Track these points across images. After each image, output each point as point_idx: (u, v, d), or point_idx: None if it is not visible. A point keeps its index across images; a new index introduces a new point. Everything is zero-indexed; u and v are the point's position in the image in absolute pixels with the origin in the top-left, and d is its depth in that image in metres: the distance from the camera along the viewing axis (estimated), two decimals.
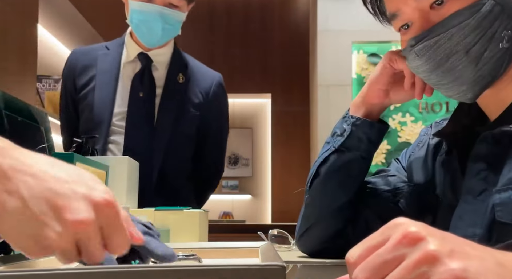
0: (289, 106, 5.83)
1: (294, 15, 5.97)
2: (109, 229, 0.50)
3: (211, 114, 1.89)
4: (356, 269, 0.44)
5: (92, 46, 1.96)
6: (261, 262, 0.57)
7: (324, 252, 1.08)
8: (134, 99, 1.77)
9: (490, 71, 0.82)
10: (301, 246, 1.13)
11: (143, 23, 1.73)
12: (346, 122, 1.06)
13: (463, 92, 0.85)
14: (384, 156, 3.84)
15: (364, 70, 3.91)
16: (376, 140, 1.07)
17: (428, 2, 0.85)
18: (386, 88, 1.04)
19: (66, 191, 0.48)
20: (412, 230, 0.44)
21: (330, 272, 1.01)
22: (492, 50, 0.81)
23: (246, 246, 0.86)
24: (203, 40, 5.84)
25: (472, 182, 0.83)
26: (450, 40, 0.82)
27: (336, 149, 1.06)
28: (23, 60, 2.88)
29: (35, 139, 1.23)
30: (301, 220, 1.11)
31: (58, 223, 0.47)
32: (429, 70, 0.86)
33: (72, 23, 3.73)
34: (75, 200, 0.48)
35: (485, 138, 0.82)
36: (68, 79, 1.88)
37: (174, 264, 0.57)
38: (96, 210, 0.48)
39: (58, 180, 0.49)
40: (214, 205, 5.65)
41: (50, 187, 0.48)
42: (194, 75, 1.88)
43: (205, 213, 1.33)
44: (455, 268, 0.41)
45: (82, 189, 0.49)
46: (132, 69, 1.82)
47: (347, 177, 1.06)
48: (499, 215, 0.76)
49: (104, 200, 0.49)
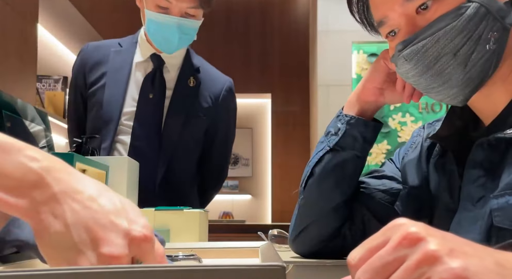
0: (289, 106, 5.83)
1: (294, 15, 5.97)
2: (143, 261, 0.51)
3: (219, 119, 1.88)
4: (358, 271, 0.45)
5: (105, 42, 1.94)
6: (261, 262, 0.57)
7: (320, 252, 1.08)
8: (144, 100, 1.75)
9: (478, 73, 0.82)
10: (296, 247, 1.12)
11: (160, 33, 1.71)
12: (341, 121, 1.06)
13: (453, 96, 0.85)
14: (384, 156, 3.84)
15: (364, 70, 3.91)
16: (371, 138, 1.07)
17: (414, 6, 0.85)
18: (381, 87, 1.04)
19: (108, 223, 0.50)
20: (412, 230, 0.44)
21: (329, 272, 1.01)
22: (480, 52, 0.81)
23: (246, 246, 0.86)
24: (203, 39, 5.83)
25: (470, 188, 0.83)
26: (437, 43, 0.82)
27: (331, 148, 1.05)
28: (23, 60, 2.88)
29: (35, 139, 1.23)
30: (296, 221, 1.10)
31: (94, 253, 0.48)
32: (418, 75, 0.86)
33: (72, 23, 3.73)
34: (115, 233, 0.49)
35: (481, 144, 0.82)
36: (79, 74, 1.85)
37: (174, 264, 0.57)
38: (133, 245, 0.50)
39: (103, 210, 0.51)
40: (214, 205, 5.63)
41: (94, 216, 0.50)
42: (204, 79, 1.86)
43: (205, 213, 1.33)
44: (455, 267, 0.41)
45: (123, 223, 0.50)
46: (144, 69, 1.80)
47: (343, 176, 1.05)
48: (497, 220, 0.76)
49: (143, 235, 0.50)
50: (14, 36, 2.77)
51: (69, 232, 0.48)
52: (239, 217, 5.72)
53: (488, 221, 0.78)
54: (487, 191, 0.80)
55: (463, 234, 0.80)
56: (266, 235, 1.39)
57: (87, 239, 0.49)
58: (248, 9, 5.99)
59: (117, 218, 0.50)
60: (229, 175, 2.11)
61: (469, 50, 0.81)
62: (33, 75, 3.02)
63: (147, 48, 1.80)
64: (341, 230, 1.07)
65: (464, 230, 0.81)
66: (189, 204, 1.59)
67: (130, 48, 1.84)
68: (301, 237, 1.09)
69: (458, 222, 0.83)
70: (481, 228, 0.78)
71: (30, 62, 2.97)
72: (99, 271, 0.41)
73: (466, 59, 0.81)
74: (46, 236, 0.49)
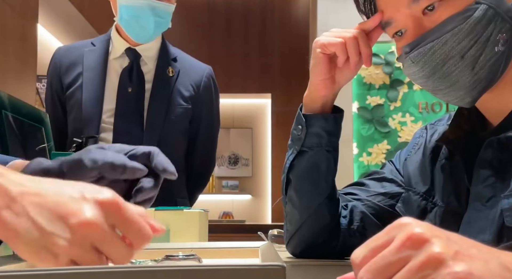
0: (289, 106, 5.82)
1: (294, 15, 5.97)
2: (124, 226, 0.51)
3: (202, 107, 1.85)
4: (361, 271, 0.45)
5: (78, 43, 1.92)
6: (261, 262, 0.57)
7: (319, 252, 1.08)
8: (123, 95, 1.74)
9: (486, 74, 0.82)
10: (292, 248, 1.12)
11: (134, 19, 1.69)
12: (300, 123, 1.04)
13: (461, 97, 0.85)
14: (384, 156, 3.84)
15: (363, 70, 3.91)
16: (335, 130, 1.05)
17: (420, 8, 0.84)
18: (329, 75, 1.01)
19: (69, 200, 0.50)
20: (417, 231, 0.44)
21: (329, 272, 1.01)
22: (488, 54, 0.80)
23: (246, 246, 0.86)
24: (202, 40, 5.84)
25: (480, 188, 0.82)
26: (445, 45, 0.81)
27: (298, 152, 1.05)
28: (23, 60, 2.88)
29: (35, 139, 1.23)
30: (286, 227, 1.11)
31: (67, 231, 0.48)
32: (425, 77, 0.85)
33: (72, 23, 3.73)
34: (77, 204, 0.49)
35: (490, 143, 0.82)
36: (54, 78, 1.83)
37: (174, 264, 0.57)
38: (102, 209, 0.50)
39: (62, 192, 0.51)
40: (214, 205, 5.65)
41: (53, 200, 0.50)
42: (184, 68, 1.84)
43: (205, 213, 1.33)
44: (460, 271, 0.41)
45: (86, 194, 0.50)
46: (119, 65, 1.78)
47: (318, 175, 1.04)
48: (508, 220, 0.76)
49: (107, 198, 0.50)
50: (14, 36, 2.77)
51: (37, 223, 0.49)
52: (239, 217, 5.72)
53: (500, 221, 0.77)
54: (497, 191, 0.79)
55: (474, 235, 0.79)
56: (266, 235, 1.39)
57: (55, 220, 0.49)
58: (248, 9, 5.99)
59: (78, 193, 0.51)
60: (229, 175, 2.10)
61: (476, 52, 0.80)
62: (33, 75, 3.02)
63: (121, 43, 1.78)
64: (339, 230, 1.07)
65: (475, 230, 0.80)
66: (177, 195, 1.56)
67: (104, 45, 1.82)
68: (294, 240, 1.09)
69: (468, 222, 0.83)
70: (492, 228, 0.78)
71: (30, 62, 2.97)
72: (99, 271, 0.41)
73: (474, 62, 0.81)
74: (17, 237, 0.49)
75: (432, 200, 0.95)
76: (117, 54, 1.79)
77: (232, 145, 5.88)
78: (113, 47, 1.81)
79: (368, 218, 1.06)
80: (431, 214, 0.94)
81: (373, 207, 1.06)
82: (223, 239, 2.52)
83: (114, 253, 0.50)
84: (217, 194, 5.88)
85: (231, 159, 5.94)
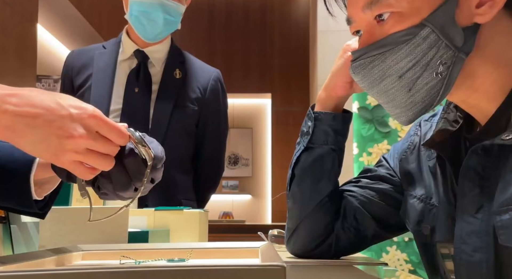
0: (289, 106, 5.83)
1: (294, 15, 5.97)
2: (106, 129, 0.67)
3: (209, 109, 1.86)
4: None
5: (90, 47, 1.96)
6: (261, 262, 0.57)
7: (315, 251, 1.08)
8: (129, 95, 1.75)
9: (423, 98, 0.80)
10: (291, 248, 1.13)
11: (144, 15, 1.72)
12: (310, 119, 1.08)
13: (397, 115, 0.85)
14: None
15: None
16: (343, 130, 1.09)
17: (372, 15, 0.82)
18: (351, 79, 1.04)
19: (63, 96, 0.65)
20: None
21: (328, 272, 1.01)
22: (426, 78, 0.79)
23: (246, 246, 0.86)
24: (202, 39, 5.84)
25: (466, 201, 0.80)
26: (384, 62, 0.81)
27: (305, 147, 1.08)
28: (23, 60, 2.88)
29: None
30: (287, 224, 1.12)
31: (75, 121, 0.64)
32: (366, 88, 0.86)
33: (72, 23, 3.73)
34: (77, 102, 0.66)
35: (475, 150, 0.79)
36: (66, 80, 1.88)
37: (174, 264, 0.57)
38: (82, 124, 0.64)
39: (53, 94, 0.63)
40: (214, 205, 5.65)
41: (52, 95, 0.63)
42: (191, 70, 1.85)
43: (205, 213, 1.33)
44: None
45: (69, 103, 0.65)
46: (128, 66, 1.81)
47: (321, 172, 1.07)
48: (502, 238, 0.73)
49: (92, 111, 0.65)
50: (14, 36, 2.78)
51: (44, 107, 0.61)
52: (239, 217, 5.72)
53: (494, 240, 0.75)
54: (485, 200, 0.77)
55: (470, 253, 0.77)
56: (266, 235, 1.39)
57: (62, 108, 0.62)
58: (248, 9, 6.00)
59: (65, 102, 0.64)
60: (229, 175, 2.10)
61: (414, 75, 0.79)
62: (32, 75, 3.03)
63: (130, 45, 1.81)
64: (333, 228, 1.07)
65: (470, 248, 0.78)
66: (183, 195, 1.56)
67: (114, 48, 1.85)
68: (294, 237, 1.10)
69: (460, 237, 0.80)
70: (489, 246, 0.76)
71: (30, 62, 2.98)
72: (99, 271, 0.42)
73: (411, 83, 0.80)
74: (24, 130, 0.59)
75: (430, 201, 0.94)
76: (126, 56, 1.82)
77: (232, 145, 5.88)
78: (123, 49, 1.83)
79: (361, 214, 1.07)
80: (430, 215, 0.93)
81: (366, 203, 1.07)
82: (223, 239, 2.52)
83: (112, 138, 0.67)
84: (217, 194, 5.87)
85: (231, 158, 5.94)
